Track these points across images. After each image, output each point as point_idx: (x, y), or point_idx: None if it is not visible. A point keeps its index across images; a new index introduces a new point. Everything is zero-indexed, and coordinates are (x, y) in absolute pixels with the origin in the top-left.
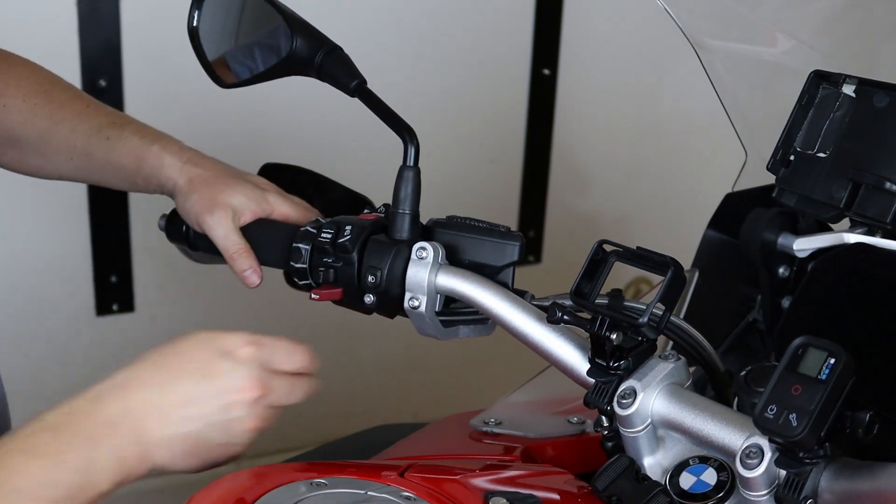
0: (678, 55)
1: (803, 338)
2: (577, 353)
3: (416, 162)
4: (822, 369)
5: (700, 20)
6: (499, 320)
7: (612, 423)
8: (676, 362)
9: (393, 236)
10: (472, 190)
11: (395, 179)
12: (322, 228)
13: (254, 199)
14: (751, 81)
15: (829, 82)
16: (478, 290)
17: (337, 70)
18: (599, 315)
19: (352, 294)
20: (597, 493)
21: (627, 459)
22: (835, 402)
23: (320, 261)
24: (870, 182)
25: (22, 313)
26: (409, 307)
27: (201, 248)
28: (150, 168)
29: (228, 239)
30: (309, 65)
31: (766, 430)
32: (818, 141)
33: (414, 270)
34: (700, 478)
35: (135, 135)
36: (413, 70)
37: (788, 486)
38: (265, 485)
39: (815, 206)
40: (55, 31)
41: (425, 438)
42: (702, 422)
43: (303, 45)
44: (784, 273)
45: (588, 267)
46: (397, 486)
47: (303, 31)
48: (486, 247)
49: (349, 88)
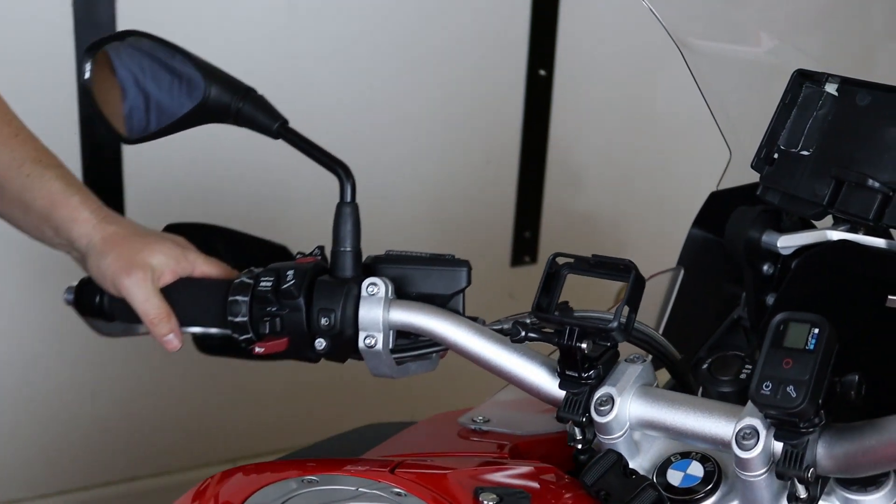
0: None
1: (783, 314)
2: (544, 370)
3: (354, 197)
4: (808, 340)
5: (684, 20)
6: (459, 349)
7: (586, 435)
8: (643, 363)
9: (337, 276)
10: (468, 190)
11: (334, 217)
12: (260, 277)
13: (173, 257)
14: (735, 81)
15: (812, 81)
16: (435, 320)
17: (256, 114)
18: (567, 326)
19: (300, 342)
20: (585, 488)
21: (615, 454)
22: (826, 369)
23: (262, 311)
24: (852, 179)
25: (18, 312)
26: (365, 346)
27: (118, 317)
28: (62, 219)
29: (149, 303)
30: (225, 112)
31: (765, 407)
32: (802, 139)
33: (367, 308)
34: (687, 472)
35: (58, 180)
36: (409, 71)
37: (787, 460)
38: (256, 482)
39: (799, 203)
40: (50, 31)
41: (414, 436)
42: (684, 416)
43: (217, 93)
44: (768, 270)
45: (546, 282)
46: (388, 483)
47: (215, 77)
48: (434, 276)
49: (272, 131)
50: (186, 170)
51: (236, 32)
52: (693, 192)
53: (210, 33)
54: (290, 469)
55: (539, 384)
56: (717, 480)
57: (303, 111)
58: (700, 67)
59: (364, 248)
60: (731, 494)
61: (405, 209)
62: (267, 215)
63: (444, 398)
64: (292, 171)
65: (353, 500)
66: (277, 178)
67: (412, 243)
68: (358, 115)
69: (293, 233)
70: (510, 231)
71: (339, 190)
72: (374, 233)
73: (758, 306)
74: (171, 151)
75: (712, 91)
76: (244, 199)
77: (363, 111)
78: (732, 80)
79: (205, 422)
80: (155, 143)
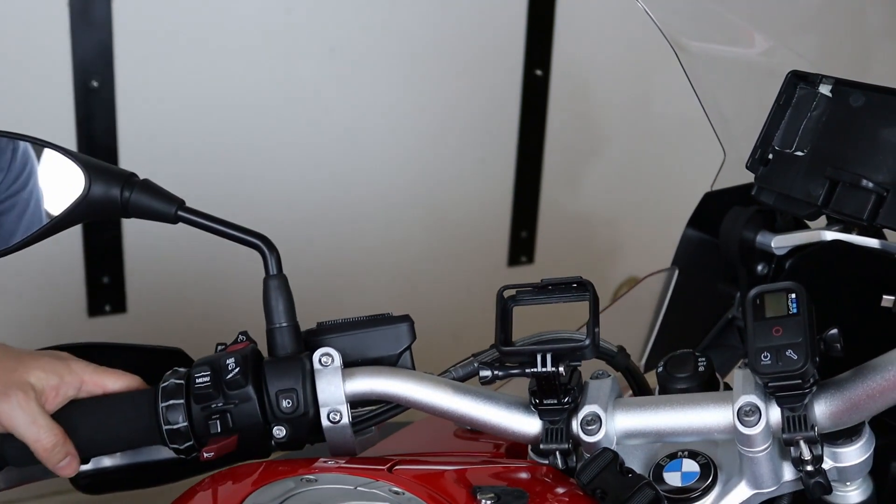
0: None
1: (755, 289)
2: (517, 408)
3: (280, 269)
4: (788, 306)
5: (679, 21)
6: (423, 406)
7: (568, 463)
8: (610, 378)
9: (279, 355)
10: (464, 191)
11: (263, 293)
12: (192, 375)
13: (55, 372)
14: (729, 82)
15: (807, 82)
16: (396, 382)
17: (149, 202)
18: (540, 353)
19: (252, 435)
20: (581, 486)
21: (611, 453)
22: (813, 328)
23: (207, 411)
24: (846, 180)
25: (14, 313)
26: (330, 423)
27: (10, 459)
28: None
29: (36, 424)
30: (112, 205)
31: (769, 376)
32: (796, 140)
33: (325, 381)
34: (683, 471)
35: None
36: (406, 71)
37: (791, 426)
38: (255, 482)
39: (793, 203)
40: (47, 31)
41: (411, 436)
42: (676, 416)
43: (99, 186)
44: (763, 270)
45: (502, 317)
46: (386, 481)
47: (96, 169)
48: (377, 337)
49: (171, 217)
50: (185, 174)
51: (232, 34)
52: (688, 191)
53: (206, 34)
54: (289, 468)
55: (515, 422)
56: (715, 471)
57: (298, 112)
58: (694, 68)
59: (360, 253)
60: (732, 480)
61: (401, 209)
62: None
63: None
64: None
65: (351, 498)
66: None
67: (409, 244)
68: (353, 116)
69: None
70: (507, 231)
71: (264, 264)
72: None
73: None
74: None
75: (706, 91)
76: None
77: (359, 111)
78: (727, 81)
79: None
80: (157, 152)
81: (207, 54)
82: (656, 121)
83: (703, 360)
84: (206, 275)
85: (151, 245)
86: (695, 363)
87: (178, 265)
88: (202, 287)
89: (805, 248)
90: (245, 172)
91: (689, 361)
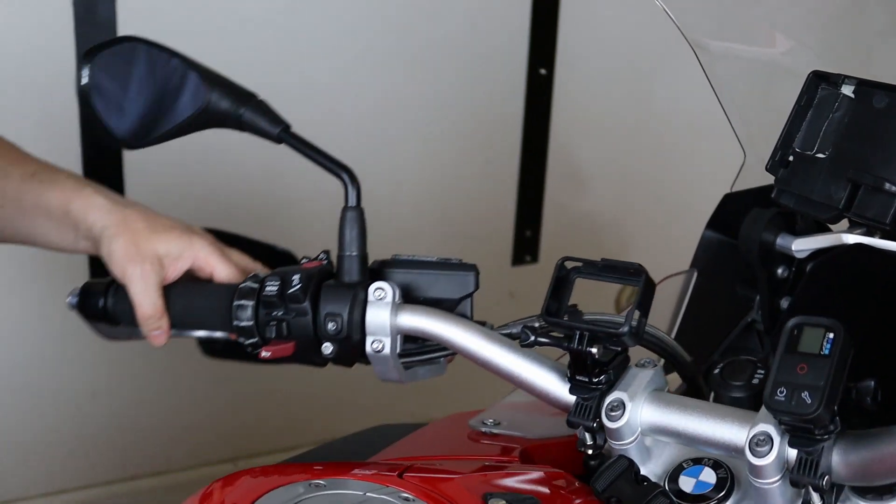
0: (674, 55)
1: (797, 318)
2: (554, 375)
3: (359, 202)
4: (822, 345)
5: (698, 20)
6: (467, 353)
7: (596, 440)
8: (654, 368)
9: (343, 280)
10: (469, 190)
11: (339, 222)
12: (265, 282)
13: (181, 246)
14: (749, 82)
15: (829, 83)
16: (443, 325)
17: (258, 120)
18: (577, 331)
19: (306, 346)
20: (596, 494)
21: (626, 460)
22: (841, 374)
23: (269, 316)
24: (869, 183)
25: (18, 312)
26: (372, 351)
27: (122, 320)
28: (78, 210)
29: (146, 296)
30: (227, 118)
31: (780, 413)
32: (817, 141)
33: (374, 312)
34: (699, 479)
35: (68, 178)
36: (409, 70)
37: (802, 468)
38: (263, 486)
39: (814, 206)
40: (51, 32)
41: (424, 439)
42: (697, 422)
43: (219, 100)
44: (783, 274)
45: (555, 286)
46: (396, 488)
47: (217, 84)
48: (442, 281)
49: (274, 136)
50: (188, 172)
51: (236, 34)
52: (693, 190)
53: (211, 34)
54: (298, 472)
55: (549, 389)
56: (730, 488)
57: (302, 112)
58: (714, 68)
59: (369, 249)
60: (744, 502)
61: (406, 209)
62: (269, 218)
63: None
64: (296, 173)
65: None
66: (281, 181)
67: (413, 242)
68: (357, 116)
69: (296, 237)
70: (511, 230)
71: (344, 194)
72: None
73: (772, 310)
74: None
75: (726, 92)
76: (247, 202)
77: (363, 111)
78: (747, 81)
79: (205, 421)
80: (161, 151)
81: (212, 54)
82: (661, 119)
83: (763, 371)
84: None
85: None
86: (751, 373)
87: None
88: None
89: (826, 252)
90: (249, 172)
91: (747, 370)
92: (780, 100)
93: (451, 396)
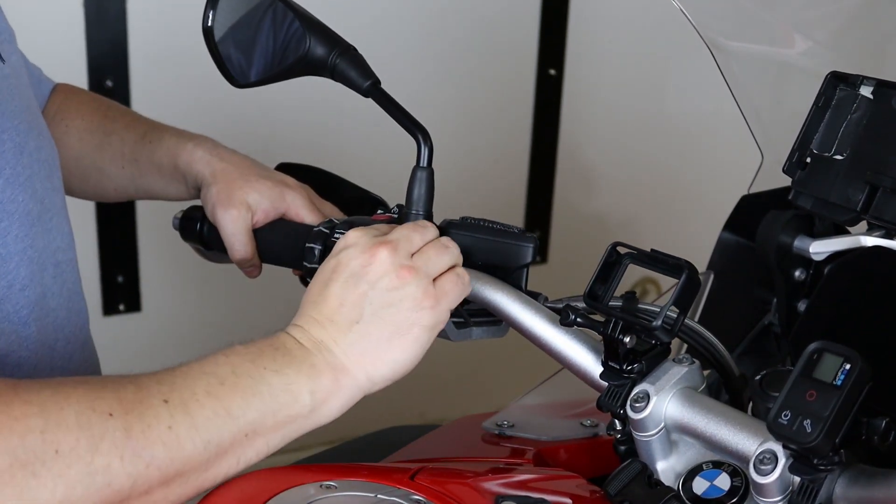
0: (685, 55)
1: (819, 343)
2: (591, 356)
3: (430, 163)
4: (837, 375)
5: (715, 20)
6: (512, 322)
7: (625, 426)
8: (690, 366)
9: None
10: (478, 190)
11: (409, 180)
12: (335, 229)
13: (270, 197)
14: (767, 82)
15: (847, 84)
16: (492, 291)
17: (350, 71)
18: (612, 318)
19: None
20: (609, 497)
21: (640, 464)
22: (850, 408)
23: None
24: (887, 185)
25: None
26: None
27: (214, 246)
28: (184, 163)
29: (236, 238)
30: (322, 65)
31: (779, 436)
32: (835, 143)
33: None
34: (713, 483)
35: (173, 136)
36: (419, 70)
37: (802, 493)
38: (274, 487)
39: (832, 208)
40: (62, 30)
41: (437, 440)
42: (715, 426)
43: (317, 46)
44: (800, 276)
45: (602, 269)
46: (407, 490)
47: (317, 31)
48: (500, 248)
49: (363, 89)
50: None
51: None
52: (704, 192)
53: None
54: (309, 474)
55: (585, 369)
56: (742, 498)
57: (311, 111)
58: (731, 68)
59: None
60: None
61: None
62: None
63: (453, 399)
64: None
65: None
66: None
67: None
68: (364, 116)
69: None
70: None
71: (416, 153)
72: None
73: (789, 312)
74: None
75: (744, 92)
76: None
77: (370, 111)
78: (764, 81)
79: None
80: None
81: None
82: (670, 120)
83: None
84: (221, 273)
85: (165, 243)
86: None
87: (193, 262)
88: (217, 285)
89: (844, 254)
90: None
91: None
92: (797, 100)
93: (463, 399)
